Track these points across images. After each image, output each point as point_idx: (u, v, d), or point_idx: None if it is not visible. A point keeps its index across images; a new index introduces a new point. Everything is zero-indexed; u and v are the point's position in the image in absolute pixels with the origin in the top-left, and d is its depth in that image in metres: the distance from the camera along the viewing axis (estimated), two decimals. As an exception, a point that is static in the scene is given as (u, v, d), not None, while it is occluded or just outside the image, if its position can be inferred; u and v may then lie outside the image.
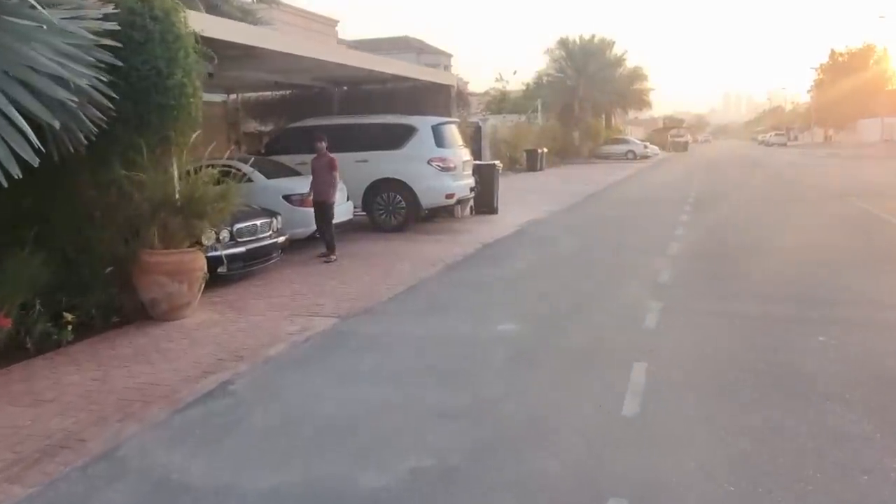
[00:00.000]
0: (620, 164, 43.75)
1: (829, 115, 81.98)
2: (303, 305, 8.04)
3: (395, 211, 13.83)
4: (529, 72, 62.49)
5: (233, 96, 18.09)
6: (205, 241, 8.43)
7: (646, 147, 51.03)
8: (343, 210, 12.39)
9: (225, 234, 8.84)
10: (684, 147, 73.40)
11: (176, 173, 7.67)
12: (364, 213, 14.00)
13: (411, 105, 15.86)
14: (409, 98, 16.37)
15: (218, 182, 8.25)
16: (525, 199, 19.89)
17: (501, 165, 17.19)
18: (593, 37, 52.06)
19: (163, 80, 7.24)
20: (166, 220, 7.32)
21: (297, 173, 12.84)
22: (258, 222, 9.44)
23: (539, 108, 47.05)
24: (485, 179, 16.11)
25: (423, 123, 13.85)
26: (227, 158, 11.77)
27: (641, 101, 55.06)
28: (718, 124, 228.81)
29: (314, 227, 11.53)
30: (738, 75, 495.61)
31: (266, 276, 9.71)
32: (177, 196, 7.51)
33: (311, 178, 12.17)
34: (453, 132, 14.53)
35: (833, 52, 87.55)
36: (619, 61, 52.85)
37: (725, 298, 8.05)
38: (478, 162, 16.20)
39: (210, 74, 13.42)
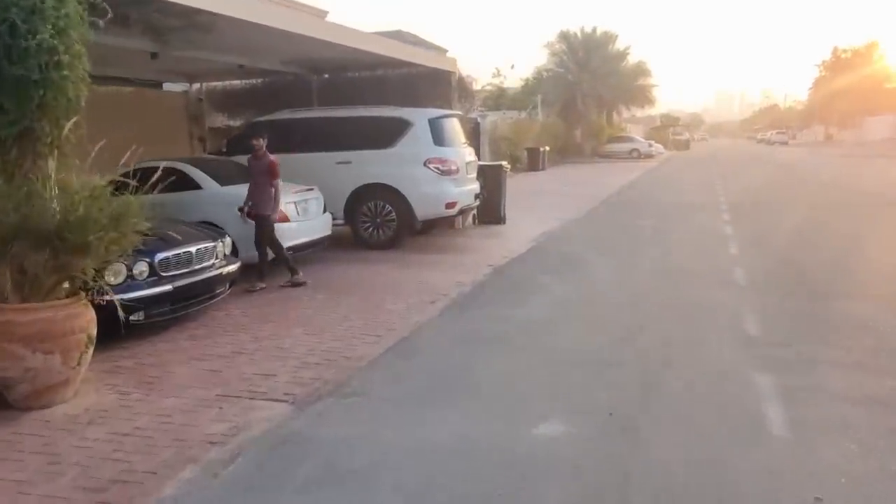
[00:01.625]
0: (626, 163, 41.33)
1: (832, 113, 79.84)
2: (245, 376, 5.50)
3: (383, 224, 11.29)
4: (527, 67, 59.90)
5: (196, 85, 15.53)
6: (110, 280, 5.90)
7: (651, 145, 48.59)
8: (318, 225, 9.85)
9: (141, 269, 6.30)
10: (686, 145, 71.15)
11: (50, 185, 5.12)
12: (346, 225, 11.47)
13: (404, 96, 13.33)
14: (401, 87, 13.83)
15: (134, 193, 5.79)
16: (533, 205, 17.39)
17: (509, 167, 14.67)
18: (595, 30, 49.60)
19: (18, 40, 4.70)
20: (24, 257, 4.77)
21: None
22: (194, 248, 6.89)
23: (539, 104, 44.56)
24: (490, 183, 13.61)
25: (418, 117, 11.31)
26: (171, 160, 9.28)
27: (645, 98, 52.57)
28: (713, 123, 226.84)
29: (283, 247, 9.00)
30: (729, 74, 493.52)
31: (208, 318, 7.18)
32: (52, 218, 4.97)
33: (279, 182, 9.66)
34: (455, 128, 11.99)
35: (836, 49, 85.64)
36: (623, 56, 50.39)
37: (866, 369, 5.55)
38: (483, 163, 13.65)
39: (153, 55, 10.95)
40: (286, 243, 9.04)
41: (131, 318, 6.16)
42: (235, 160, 11.20)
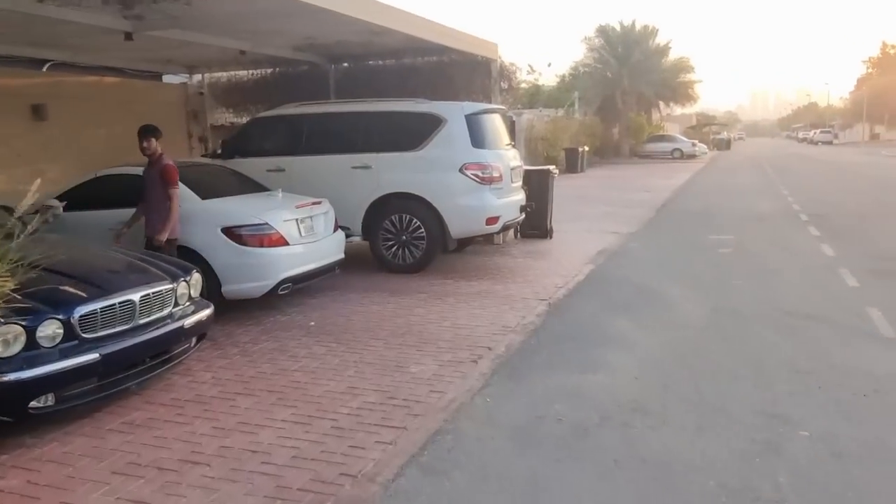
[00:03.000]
0: (667, 164, 38.85)
1: (880, 111, 76.15)
2: (185, 518, 3.48)
3: (410, 242, 9.22)
4: (563, 63, 57.55)
5: (197, 77, 13.60)
6: (-4, 350, 3.92)
7: (694, 145, 45.96)
8: (327, 247, 7.81)
9: (51, 331, 4.28)
10: (727, 145, 68.14)
11: None
12: (364, 240, 9.44)
13: (436, 88, 11.30)
14: (432, 78, 11.80)
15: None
16: (580, 213, 15.23)
17: (557, 172, 12.52)
18: (634, 23, 47.06)
19: None
20: None
21: (258, 188, 8.28)
22: (138, 295, 4.84)
23: (576, 101, 42.23)
24: (536, 191, 11.49)
25: (453, 112, 9.22)
26: (140, 165, 7.35)
27: (687, 95, 49.88)
28: (748, 121, 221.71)
29: (278, 279, 6.99)
30: (762, 72, 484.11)
31: (160, 390, 5.17)
32: None
33: (278, 195, 7.68)
34: (497, 126, 9.89)
35: (884, 44, 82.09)
36: (664, 51, 47.78)
37: None
38: (529, 167, 11.50)
39: (127, 35, 8.98)
40: (283, 273, 7.02)
41: (32, 405, 4.17)
42: (232, 165, 9.26)
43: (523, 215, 10.28)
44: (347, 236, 8.71)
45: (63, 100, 10.68)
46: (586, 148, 33.20)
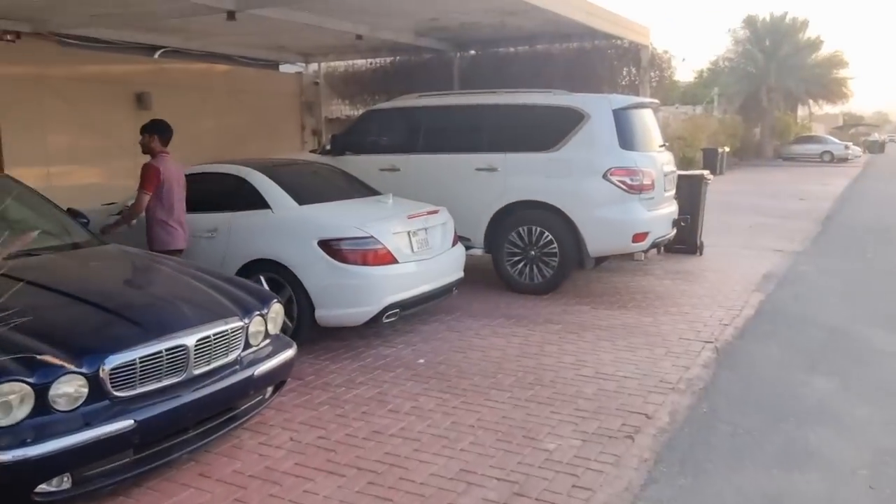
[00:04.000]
0: (816, 167, 35.33)
1: None
2: None
3: (539, 259, 7.82)
4: (701, 57, 54.25)
5: (312, 66, 12.70)
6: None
7: (847, 147, 41.82)
8: (445, 264, 6.54)
9: (71, 389, 3.19)
10: (881, 148, 62.16)
11: None
12: (486, 253, 8.13)
13: (574, 79, 9.83)
14: (570, 68, 10.34)
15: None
16: (728, 224, 13.28)
17: (711, 177, 10.74)
18: (785, 15, 43.35)
19: None
20: None
21: (367, 191, 7.11)
22: (194, 339, 3.68)
23: (715, 98, 39.30)
24: (686, 200, 9.77)
25: (598, 106, 7.74)
26: (229, 163, 6.37)
27: (840, 93, 45.53)
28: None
29: (382, 304, 5.78)
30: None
31: (208, 459, 4.04)
32: None
33: (388, 200, 6.50)
34: (649, 124, 8.33)
35: None
36: (815, 45, 43.77)
37: None
38: (682, 172, 9.81)
39: (229, 14, 7.99)
40: (390, 298, 5.80)
41: (41, 489, 3.10)
42: (341, 162, 8.18)
43: (675, 231, 8.64)
44: (467, 249, 7.43)
45: (168, 88, 9.99)
46: (726, 149, 30.54)
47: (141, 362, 3.42)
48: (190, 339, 3.65)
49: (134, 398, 3.40)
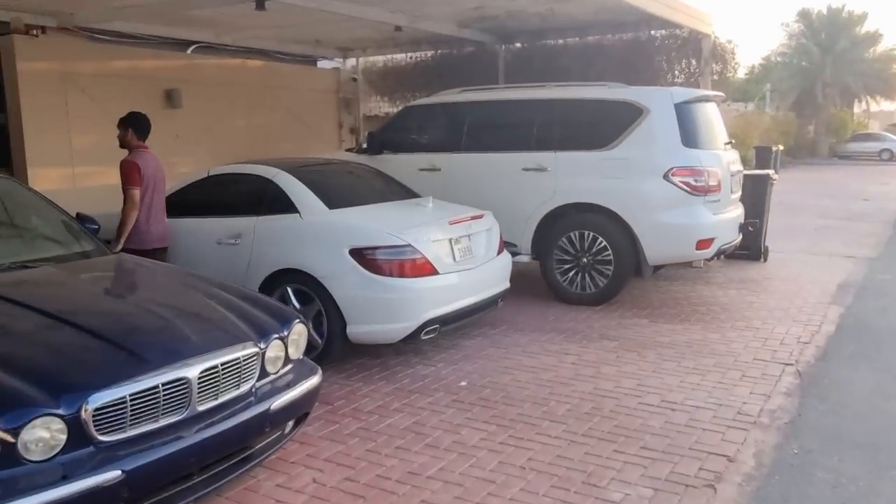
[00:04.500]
0: (875, 166, 33.75)
1: None
2: None
3: (592, 267, 7.16)
4: (750, 53, 52.57)
5: (350, 62, 12.19)
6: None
7: (908, 145, 39.98)
8: (489, 274, 5.93)
9: (46, 434, 2.66)
10: (942, 146, 59.63)
11: None
12: (533, 259, 7.50)
13: (628, 73, 9.15)
14: (625, 60, 9.61)
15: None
16: (790, 227, 12.44)
17: (776, 177, 9.93)
18: (842, 8, 41.66)
19: None
20: None
21: (405, 193, 6.54)
22: (197, 370, 3.12)
23: (767, 94, 37.95)
24: (749, 202, 8.98)
25: (658, 100, 7.05)
26: (257, 163, 5.86)
27: (900, 88, 43.61)
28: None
29: (421, 320, 5.19)
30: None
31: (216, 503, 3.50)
32: None
33: (428, 204, 5.92)
34: (713, 119, 7.61)
35: None
36: (874, 38, 42.00)
37: None
38: (747, 172, 9.03)
39: (258, 3, 7.47)
40: (429, 312, 5.22)
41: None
42: (378, 162, 7.65)
43: (740, 236, 7.90)
44: (513, 255, 6.81)
45: (199, 85, 9.56)
46: (780, 147, 29.29)
47: (132, 400, 2.88)
48: (193, 371, 3.10)
49: (123, 443, 2.86)
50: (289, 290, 5.37)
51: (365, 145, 8.27)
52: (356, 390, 4.99)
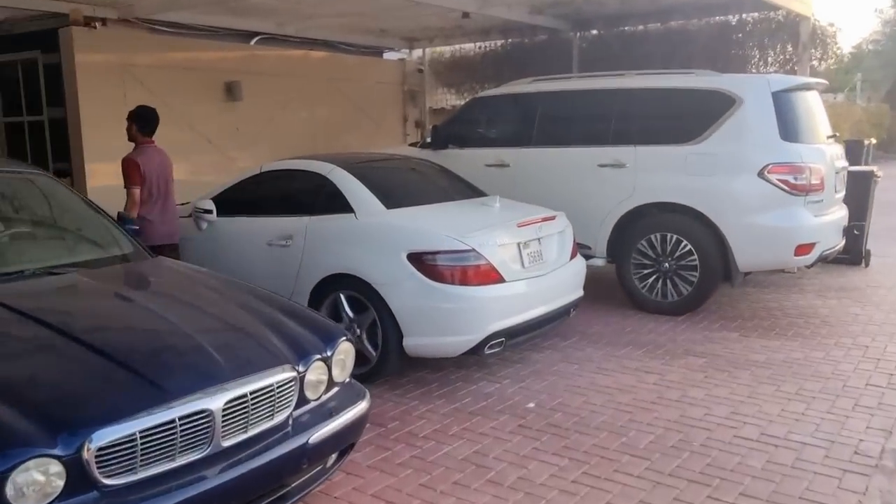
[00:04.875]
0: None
1: None
2: None
3: (675, 273, 6.52)
4: (842, 42, 50.06)
5: (416, 52, 11.75)
6: None
7: None
8: (562, 281, 5.37)
9: (39, 475, 2.26)
10: None
11: None
12: (609, 263, 6.90)
13: (716, 61, 8.43)
14: (712, 47, 8.89)
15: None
16: (891, 227, 11.41)
17: (880, 174, 9.01)
18: (941, -9, 39.15)
19: None
20: None
21: (470, 192, 6.02)
22: (221, 402, 2.69)
23: (858, 85, 35.92)
24: (851, 201, 8.09)
25: (753, 88, 6.34)
26: (310, 158, 5.46)
27: None
28: None
29: (485, 332, 4.69)
30: None
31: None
32: None
33: (495, 204, 5.41)
34: (815, 110, 6.84)
35: None
36: (976, 23, 39.34)
37: None
38: (854, 168, 8.15)
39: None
40: (494, 324, 4.71)
41: None
42: (444, 157, 7.19)
43: (844, 241, 7.11)
44: (586, 258, 6.23)
45: (260, 76, 9.26)
46: (873, 140, 27.58)
47: (143, 437, 2.47)
48: (217, 401, 2.67)
49: (133, 486, 2.45)
50: (341, 297, 4.95)
51: (429, 139, 7.80)
52: (412, 410, 4.53)
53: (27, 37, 8.53)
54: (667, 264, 6.55)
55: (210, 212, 5.57)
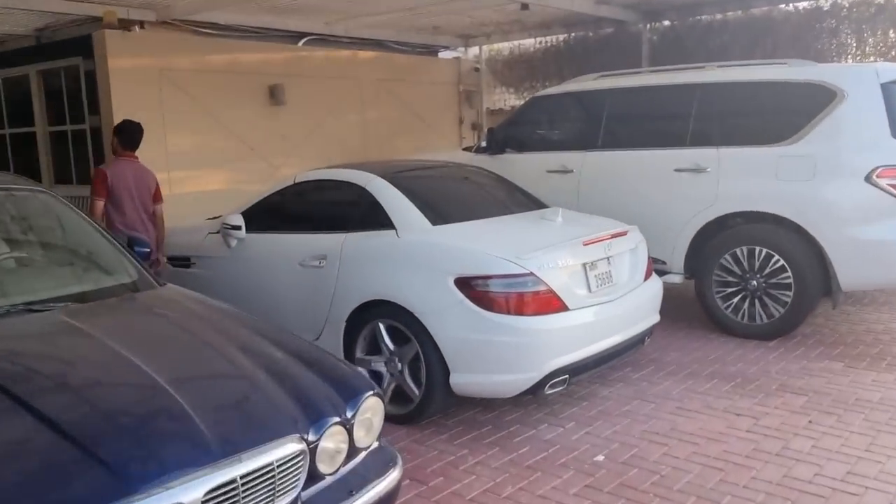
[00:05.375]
0: None
1: None
2: None
3: (765, 292, 5.70)
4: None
5: (473, 51, 11.10)
6: None
7: None
8: (632, 308, 4.64)
9: None
10: None
11: None
12: (687, 279, 6.12)
13: (806, 52, 7.51)
14: (799, 37, 7.96)
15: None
16: None
17: None
18: None
19: None
20: None
21: (528, 204, 5.33)
22: (200, 493, 2.10)
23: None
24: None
25: (858, 79, 5.48)
26: (350, 167, 4.87)
27: None
28: None
29: (545, 369, 4.01)
30: None
31: None
32: None
33: (557, 217, 4.72)
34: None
35: None
36: None
37: None
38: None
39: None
40: (556, 360, 4.04)
41: None
42: (500, 163, 6.56)
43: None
44: (660, 274, 5.49)
45: (307, 79, 8.75)
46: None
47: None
48: (193, 493, 2.07)
49: None
50: (381, 326, 4.34)
51: (484, 143, 7.14)
52: (459, 461, 3.87)
53: (68, 43, 8.23)
54: (755, 282, 5.74)
55: (239, 228, 5.03)
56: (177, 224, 5.87)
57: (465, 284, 4.02)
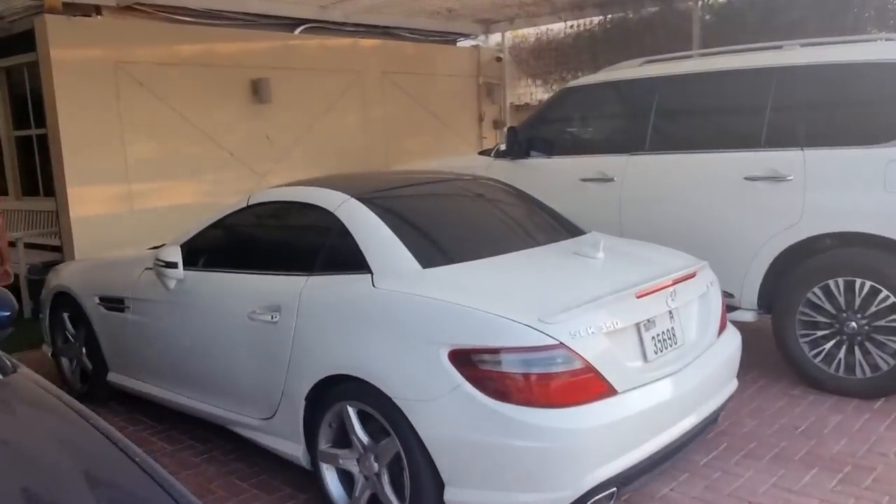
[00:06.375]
0: None
1: None
2: None
3: (869, 336, 4.36)
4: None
5: (494, 38, 9.85)
6: None
7: None
8: (704, 378, 3.30)
9: None
10: None
11: None
12: (763, 315, 4.79)
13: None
14: (889, 13, 6.57)
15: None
16: None
17: None
18: None
19: None
20: None
21: (557, 231, 4.00)
22: None
23: None
24: None
25: None
26: (316, 183, 3.58)
27: None
28: None
29: (585, 485, 2.70)
30: None
31: None
32: None
33: (597, 250, 3.32)
34: None
35: None
36: None
37: None
38: None
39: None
40: (600, 471, 2.74)
41: None
42: (524, 169, 5.30)
43: None
44: (729, 311, 4.16)
45: (296, 72, 7.54)
46: None
47: None
48: None
49: None
50: (349, 410, 3.09)
51: (503, 146, 5.87)
52: None
53: (26, 36, 7.12)
54: (854, 324, 4.40)
55: (174, 265, 3.81)
56: (113, 253, 4.68)
57: (465, 360, 2.76)
